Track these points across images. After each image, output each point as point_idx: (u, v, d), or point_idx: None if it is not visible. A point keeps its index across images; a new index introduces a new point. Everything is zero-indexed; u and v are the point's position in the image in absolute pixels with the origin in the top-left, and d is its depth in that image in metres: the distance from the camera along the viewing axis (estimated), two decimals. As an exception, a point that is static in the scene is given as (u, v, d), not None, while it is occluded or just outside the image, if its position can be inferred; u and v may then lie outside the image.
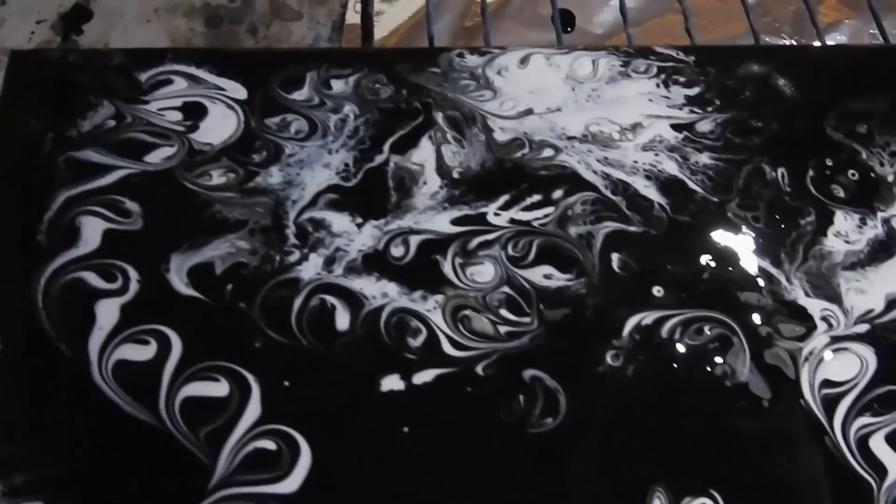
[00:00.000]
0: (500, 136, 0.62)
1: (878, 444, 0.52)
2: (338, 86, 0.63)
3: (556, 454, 0.51)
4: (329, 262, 0.56)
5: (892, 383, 0.54)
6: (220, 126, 0.60)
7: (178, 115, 0.60)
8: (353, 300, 0.55)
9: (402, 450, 0.51)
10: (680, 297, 0.56)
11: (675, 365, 0.54)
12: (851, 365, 0.54)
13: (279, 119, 0.61)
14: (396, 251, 0.56)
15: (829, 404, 0.53)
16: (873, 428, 0.52)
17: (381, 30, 0.88)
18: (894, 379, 0.54)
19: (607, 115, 0.63)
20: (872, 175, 0.62)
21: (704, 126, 0.63)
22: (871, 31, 0.79)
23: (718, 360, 0.54)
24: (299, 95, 0.62)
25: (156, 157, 0.58)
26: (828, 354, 0.55)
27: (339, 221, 0.57)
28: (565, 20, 0.86)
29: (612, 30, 0.89)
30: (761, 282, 0.57)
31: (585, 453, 0.51)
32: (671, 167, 0.61)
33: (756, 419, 0.53)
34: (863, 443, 0.52)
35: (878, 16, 0.78)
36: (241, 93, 0.62)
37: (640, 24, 0.90)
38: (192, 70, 0.62)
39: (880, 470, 0.51)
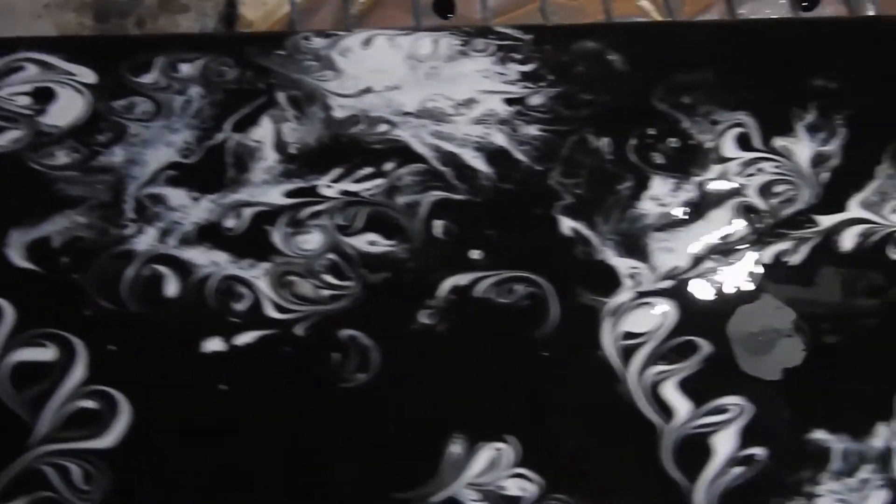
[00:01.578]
0: (338, 114, 0.65)
1: (668, 391, 0.56)
2: (185, 69, 0.67)
3: (366, 406, 0.55)
4: (164, 234, 0.59)
5: (689, 334, 0.57)
6: (67, 109, 0.64)
7: (27, 100, 0.64)
8: (183, 269, 0.58)
9: (219, 407, 0.54)
10: (496, 259, 0.59)
11: (485, 321, 0.57)
12: (652, 318, 0.58)
13: (126, 101, 0.65)
14: (229, 223, 0.60)
15: (627, 354, 0.57)
16: (666, 375, 0.56)
17: (265, 20, 0.91)
18: (691, 330, 0.58)
19: (443, 92, 0.67)
20: (692, 142, 0.65)
21: (536, 100, 0.67)
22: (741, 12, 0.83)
23: (527, 315, 0.57)
24: (147, 79, 0.66)
25: (2, 140, 0.62)
26: (630, 308, 0.58)
27: (177, 196, 0.61)
28: (446, 6, 0.90)
29: (492, 14, 0.92)
30: (575, 243, 0.60)
31: (393, 404, 0.55)
32: (499, 139, 0.65)
33: (556, 369, 0.56)
34: (654, 389, 0.56)
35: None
36: (90, 77, 0.65)
37: (519, 8, 0.93)
38: (45, 57, 0.66)
39: (668, 413, 0.55)
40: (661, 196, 0.63)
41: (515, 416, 0.55)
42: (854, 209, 0.63)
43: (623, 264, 0.60)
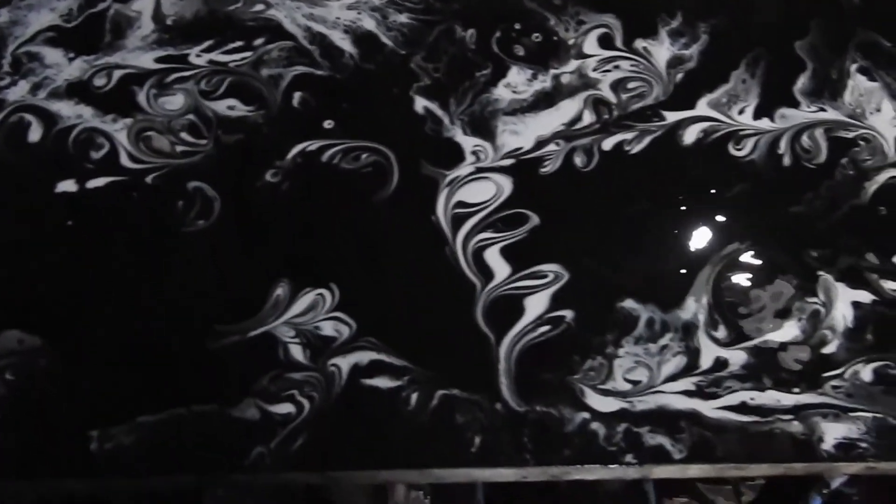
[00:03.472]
0: (218, -9, 0.69)
1: (491, 255, 0.59)
2: (78, -57, 0.70)
3: (202, 250, 0.58)
4: (35, 88, 0.63)
5: (520, 207, 0.61)
6: (-42, -29, 0.67)
7: (-79, -40, 0.67)
8: (49, 119, 0.62)
9: (64, 240, 0.58)
10: (348, 130, 0.63)
11: (328, 184, 0.61)
12: (487, 191, 0.61)
13: (17, -31, 0.68)
14: (99, 81, 0.64)
15: (458, 221, 0.60)
16: (491, 242, 0.59)
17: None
18: (523, 204, 0.61)
19: (321, -22, 0.70)
20: (555, 38, 0.68)
21: (410, -9, 0.70)
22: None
23: (368, 180, 0.61)
24: (40, -51, 0.69)
25: None
26: (468, 181, 0.61)
27: (53, 55, 0.65)
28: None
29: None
30: (426, 120, 0.64)
31: (225, 249, 0.58)
32: (369, 24, 0.68)
33: (389, 230, 0.60)
34: (478, 253, 0.59)
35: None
36: (-15, -55, 0.69)
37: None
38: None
39: (488, 275, 0.58)
40: (517, 84, 0.66)
41: (342, 267, 0.58)
42: (702, 108, 0.66)
43: (468, 142, 0.63)
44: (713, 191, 0.63)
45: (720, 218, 0.62)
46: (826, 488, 0.65)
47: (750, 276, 0.60)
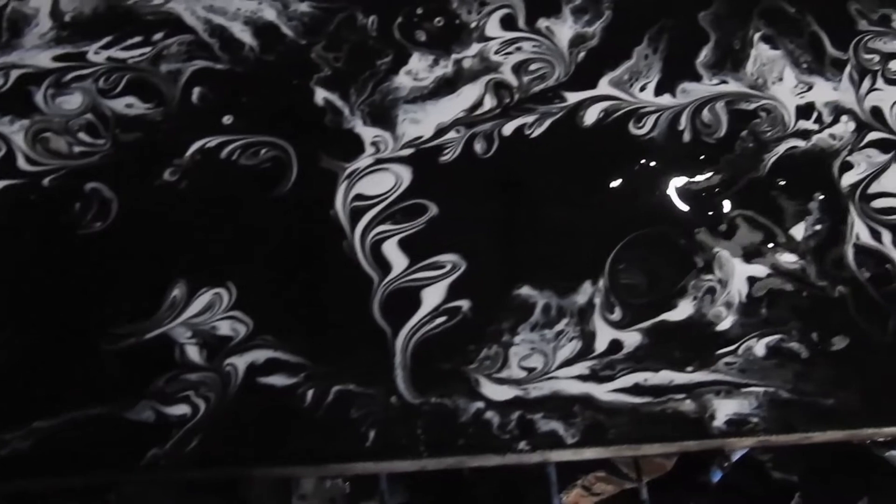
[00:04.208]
0: (116, -15, 0.68)
1: (389, 248, 0.60)
2: (-28, -61, 0.69)
3: (99, 253, 0.59)
4: (-71, 92, 0.62)
5: (418, 197, 0.61)
6: None
7: None
8: (-58, 124, 0.62)
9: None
10: (247, 125, 0.63)
11: (226, 179, 0.61)
12: (386, 182, 0.62)
13: None
14: (-5, 83, 0.63)
15: (356, 214, 0.60)
16: (389, 234, 0.60)
17: None
18: (421, 194, 0.61)
19: (222, -32, 0.69)
20: (457, 22, 0.68)
21: (311, -22, 0.69)
22: None
23: (267, 176, 0.61)
24: (-67, -53, 0.68)
25: None
26: (367, 173, 0.62)
27: (-53, 57, 0.64)
28: None
29: None
30: (325, 112, 0.64)
31: (122, 251, 0.59)
32: (270, 14, 0.68)
33: (287, 226, 0.60)
34: (377, 246, 0.60)
35: None
36: None
37: None
38: None
39: (385, 267, 0.59)
40: (418, 71, 0.66)
41: (239, 265, 0.59)
42: (603, 87, 0.66)
43: (368, 133, 0.63)
44: (612, 172, 0.63)
45: (617, 199, 0.62)
46: (726, 461, 0.67)
47: (646, 256, 0.61)
